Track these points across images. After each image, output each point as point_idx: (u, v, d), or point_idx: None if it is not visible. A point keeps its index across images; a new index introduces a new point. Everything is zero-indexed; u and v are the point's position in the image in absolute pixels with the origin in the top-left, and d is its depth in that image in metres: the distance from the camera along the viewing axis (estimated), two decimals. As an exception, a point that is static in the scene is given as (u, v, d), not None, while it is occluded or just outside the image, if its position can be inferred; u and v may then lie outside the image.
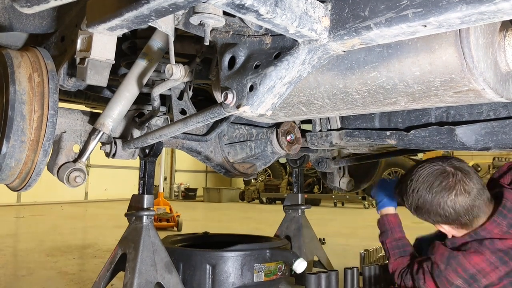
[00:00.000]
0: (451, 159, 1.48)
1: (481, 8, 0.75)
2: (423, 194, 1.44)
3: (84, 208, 9.68)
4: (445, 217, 1.44)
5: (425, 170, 1.45)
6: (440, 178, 1.42)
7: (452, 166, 1.44)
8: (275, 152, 2.17)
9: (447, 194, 1.41)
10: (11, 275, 3.11)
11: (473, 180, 1.43)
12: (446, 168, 1.44)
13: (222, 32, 1.24)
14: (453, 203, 1.41)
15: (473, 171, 1.47)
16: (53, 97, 1.31)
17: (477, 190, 1.42)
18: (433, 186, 1.42)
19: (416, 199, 1.46)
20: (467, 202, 1.41)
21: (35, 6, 1.15)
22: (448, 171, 1.43)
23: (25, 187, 1.40)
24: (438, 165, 1.45)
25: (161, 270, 1.62)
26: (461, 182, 1.41)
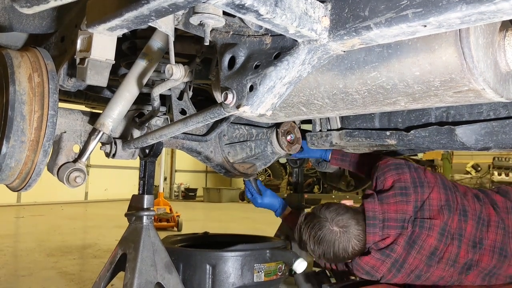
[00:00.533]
0: (333, 216, 1.77)
1: (481, 8, 0.75)
2: (330, 255, 1.78)
3: (84, 208, 9.68)
4: (350, 258, 1.81)
5: (322, 237, 1.76)
6: (336, 241, 1.75)
7: (337, 225, 1.75)
8: (275, 152, 2.17)
9: (347, 247, 1.75)
10: (11, 275, 3.11)
11: (355, 227, 1.76)
12: (334, 229, 1.75)
13: (222, 32, 1.24)
14: (352, 250, 1.76)
15: (349, 217, 1.77)
16: (53, 97, 1.31)
17: (362, 230, 1.75)
18: (334, 248, 1.76)
19: (327, 259, 1.82)
20: (359, 245, 1.76)
21: (35, 6, 1.15)
22: (338, 231, 1.75)
23: (25, 187, 1.39)
24: (327, 229, 1.76)
25: (161, 270, 1.62)
26: (350, 234, 1.75)
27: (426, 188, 1.76)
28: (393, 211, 1.74)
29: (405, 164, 1.84)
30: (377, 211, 1.75)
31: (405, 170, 1.81)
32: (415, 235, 1.69)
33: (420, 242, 1.69)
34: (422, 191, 1.76)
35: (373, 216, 1.74)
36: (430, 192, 1.75)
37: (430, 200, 1.73)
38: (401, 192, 1.76)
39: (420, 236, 1.69)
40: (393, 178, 1.81)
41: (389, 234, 1.72)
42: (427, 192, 1.75)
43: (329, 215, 1.77)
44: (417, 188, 1.76)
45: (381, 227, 1.74)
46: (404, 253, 1.70)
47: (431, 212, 1.72)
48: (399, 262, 1.71)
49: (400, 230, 1.71)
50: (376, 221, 1.74)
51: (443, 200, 1.74)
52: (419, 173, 1.81)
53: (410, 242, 1.70)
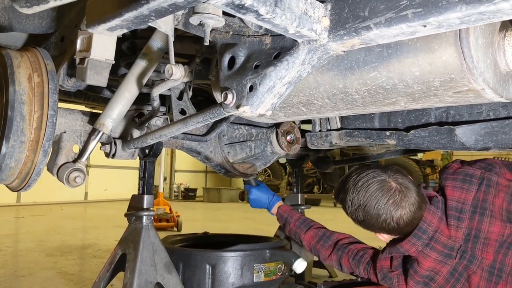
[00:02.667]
0: (394, 172, 1.48)
1: (480, 8, 0.75)
2: (371, 210, 1.45)
3: (84, 208, 9.68)
4: (388, 230, 1.50)
5: (371, 185, 1.45)
6: (386, 195, 1.43)
7: (397, 182, 1.45)
8: (275, 152, 2.17)
9: (393, 211, 1.43)
10: (11, 275, 3.11)
11: (414, 194, 1.45)
12: (391, 184, 1.45)
13: (222, 32, 1.24)
14: (398, 218, 1.45)
15: (413, 183, 1.49)
16: (53, 97, 1.31)
17: (418, 204, 1.45)
18: (380, 203, 1.43)
19: (364, 213, 1.48)
20: (409, 217, 1.45)
21: (34, 6, 1.15)
22: (394, 188, 1.44)
23: (25, 187, 1.39)
24: (383, 180, 1.45)
25: (161, 270, 1.62)
26: (405, 199, 1.43)
27: (486, 218, 1.48)
28: (446, 236, 1.49)
29: (478, 179, 1.52)
30: (433, 225, 1.49)
31: (472, 186, 1.52)
32: (461, 267, 1.48)
33: (466, 276, 1.48)
34: (480, 220, 1.48)
35: (425, 229, 1.48)
36: (491, 224, 1.47)
37: (488, 233, 1.47)
38: (455, 214, 1.50)
39: (467, 270, 1.48)
40: (454, 192, 1.53)
41: (429, 256, 1.49)
42: (486, 222, 1.47)
43: (390, 170, 1.48)
44: (475, 215, 1.49)
45: (425, 244, 1.49)
46: (447, 286, 1.49)
47: (484, 247, 1.46)
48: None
49: (446, 258, 1.48)
50: (425, 235, 1.48)
51: (505, 235, 1.46)
52: (486, 196, 1.50)
53: (456, 274, 1.48)
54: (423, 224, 1.48)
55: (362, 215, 1.48)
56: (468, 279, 1.48)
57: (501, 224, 1.47)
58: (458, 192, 1.52)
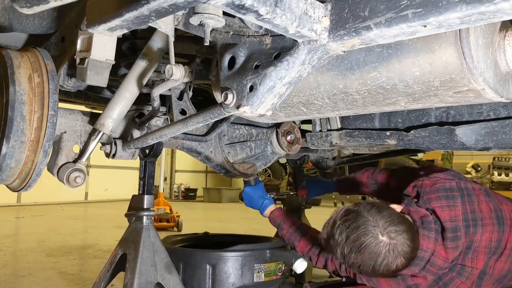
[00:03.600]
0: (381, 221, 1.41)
1: (481, 8, 0.75)
2: (368, 269, 1.43)
3: (84, 208, 9.68)
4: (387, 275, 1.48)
5: (363, 245, 1.40)
6: (381, 256, 1.39)
7: (389, 237, 1.39)
8: (275, 152, 2.17)
9: (390, 265, 1.41)
10: (11, 275, 3.11)
11: (407, 242, 1.41)
12: (383, 240, 1.39)
13: (222, 33, 1.24)
14: (394, 270, 1.43)
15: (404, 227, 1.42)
16: (53, 98, 1.31)
17: (411, 248, 1.42)
18: (376, 264, 1.41)
19: (360, 271, 1.47)
20: (405, 263, 1.43)
21: (35, 6, 1.15)
22: (387, 244, 1.39)
23: (25, 188, 1.39)
24: (375, 237, 1.39)
25: (161, 270, 1.62)
26: (398, 251, 1.40)
27: (479, 228, 1.51)
28: (443, 259, 1.50)
29: (457, 190, 1.56)
30: (429, 251, 1.49)
31: (457, 201, 1.54)
32: (447, 278, 1.51)
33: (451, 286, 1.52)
34: (475, 231, 1.50)
35: (423, 257, 1.49)
36: (483, 233, 1.51)
37: (480, 242, 1.51)
38: (451, 236, 1.49)
39: (454, 281, 1.51)
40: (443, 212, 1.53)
41: (426, 277, 1.51)
42: (479, 233, 1.51)
43: (381, 221, 1.41)
44: (469, 228, 1.51)
45: (422, 267, 1.50)
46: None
47: (475, 255, 1.50)
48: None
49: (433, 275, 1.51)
50: (422, 262, 1.49)
51: (494, 240, 1.52)
52: (472, 206, 1.54)
53: (440, 283, 1.52)
54: (420, 253, 1.47)
55: (358, 271, 1.49)
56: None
57: (492, 228, 1.51)
58: (447, 211, 1.52)
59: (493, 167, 11.72)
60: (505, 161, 11.56)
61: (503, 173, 11.53)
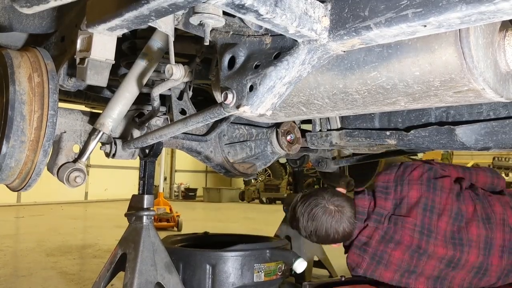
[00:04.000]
0: (331, 196, 1.86)
1: (481, 8, 0.75)
2: (321, 233, 1.83)
3: (84, 208, 9.68)
4: (337, 241, 1.87)
5: (316, 213, 1.82)
6: (329, 218, 1.81)
7: (334, 204, 1.83)
8: (275, 152, 2.17)
9: (338, 228, 1.82)
10: (11, 275, 3.11)
11: (349, 209, 1.84)
12: (330, 208, 1.82)
13: (222, 32, 1.24)
14: (342, 232, 1.83)
15: (345, 200, 1.86)
16: (53, 97, 1.31)
17: (353, 214, 1.84)
18: (326, 225, 1.81)
19: (316, 237, 1.86)
20: (350, 226, 1.83)
21: (34, 6, 1.15)
22: (333, 210, 1.82)
23: (25, 187, 1.39)
24: (323, 205, 1.83)
25: (161, 270, 1.62)
26: (343, 216, 1.82)
27: (405, 186, 1.83)
28: (374, 206, 1.85)
29: (397, 166, 1.92)
30: (365, 206, 1.86)
31: (393, 170, 1.90)
32: (391, 231, 1.77)
33: (397, 237, 1.75)
34: (401, 189, 1.83)
35: (362, 211, 1.85)
36: (409, 190, 1.81)
37: (408, 198, 1.80)
38: (382, 190, 1.86)
39: (397, 232, 1.77)
40: (378, 178, 1.93)
41: (367, 224, 1.82)
42: (406, 190, 1.82)
43: (326, 195, 1.85)
44: (397, 186, 1.85)
45: (364, 219, 1.84)
46: (381, 246, 1.77)
47: (407, 209, 1.79)
48: (378, 255, 1.77)
49: (377, 224, 1.80)
50: (364, 216, 1.84)
51: (423, 197, 1.79)
52: (404, 172, 1.88)
53: (387, 237, 1.77)
54: (359, 209, 1.87)
55: (315, 237, 1.87)
56: (400, 240, 1.75)
57: (417, 188, 1.81)
58: (382, 176, 1.91)
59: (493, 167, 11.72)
60: (505, 161, 11.56)
61: (503, 173, 11.53)
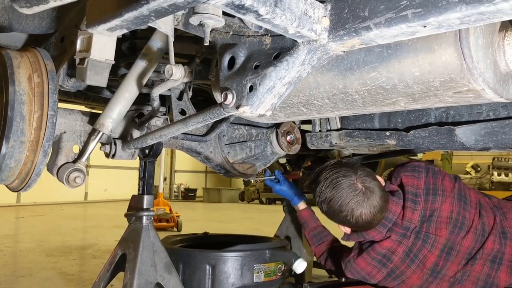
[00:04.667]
0: (365, 175, 1.63)
1: (480, 8, 0.75)
2: (334, 205, 1.62)
3: (84, 208, 9.68)
4: (348, 224, 1.67)
5: (339, 183, 1.61)
6: (350, 195, 1.59)
7: (363, 184, 1.60)
8: (275, 152, 2.17)
9: (355, 210, 1.60)
10: (11, 275, 3.11)
11: (377, 198, 1.61)
12: (358, 185, 1.60)
13: (221, 33, 1.24)
14: (357, 217, 1.61)
15: (379, 187, 1.63)
16: (52, 98, 1.31)
17: (380, 207, 1.61)
18: (344, 201, 1.60)
19: (328, 207, 1.65)
20: (368, 218, 1.61)
21: (34, 6, 1.15)
22: (359, 189, 1.60)
23: (25, 188, 1.39)
24: (351, 179, 1.61)
25: (161, 270, 1.62)
26: (367, 201, 1.59)
27: (438, 198, 1.66)
28: (406, 219, 1.65)
29: (424, 168, 1.73)
30: (397, 214, 1.67)
31: (421, 174, 1.71)
32: (416, 249, 1.63)
33: (421, 257, 1.63)
34: (434, 200, 1.65)
35: (391, 218, 1.66)
36: (443, 202, 1.65)
37: (440, 211, 1.64)
38: (412, 198, 1.67)
39: (422, 250, 1.63)
40: (407, 180, 1.72)
41: (389, 236, 1.66)
42: (438, 202, 1.65)
43: (360, 171, 1.63)
44: (429, 196, 1.66)
45: (388, 228, 1.67)
46: (403, 266, 1.64)
47: (437, 224, 1.63)
48: (396, 273, 1.66)
49: (402, 238, 1.64)
50: (390, 223, 1.66)
51: (454, 212, 1.64)
52: (435, 180, 1.70)
53: (411, 255, 1.64)
54: (389, 214, 1.66)
55: (326, 207, 1.66)
56: (423, 260, 1.62)
57: (452, 201, 1.65)
58: (411, 179, 1.71)
59: (493, 167, 11.72)
60: (504, 161, 11.56)
61: (503, 173, 11.53)
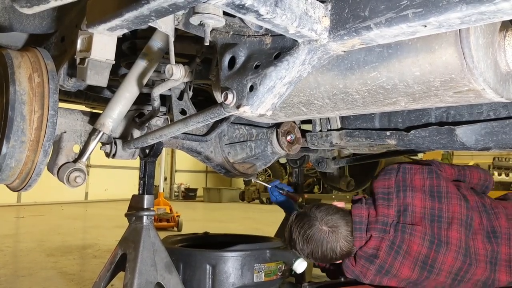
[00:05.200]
0: (324, 215, 1.79)
1: (481, 8, 0.75)
2: (318, 254, 1.79)
3: (84, 208, 9.68)
4: (336, 259, 1.82)
5: (310, 236, 1.78)
6: (324, 241, 1.76)
7: (327, 225, 1.77)
8: (275, 152, 2.17)
9: (334, 248, 1.76)
10: (11, 275, 3.11)
11: (344, 227, 1.77)
12: (323, 228, 1.77)
13: (222, 32, 1.24)
14: (340, 251, 1.77)
15: (339, 218, 1.79)
16: (53, 98, 1.31)
17: (350, 232, 1.77)
18: (322, 248, 1.77)
19: (314, 258, 1.83)
20: (346, 246, 1.77)
21: (35, 6, 1.15)
22: (327, 232, 1.76)
23: (25, 188, 1.39)
24: (316, 227, 1.77)
25: (161, 270, 1.62)
26: (338, 235, 1.76)
27: (409, 193, 1.76)
28: (375, 215, 1.76)
29: (396, 169, 1.84)
30: (363, 215, 1.78)
31: (392, 175, 1.82)
32: (398, 240, 1.70)
33: (405, 247, 1.68)
34: (405, 195, 1.76)
35: (360, 221, 1.77)
36: (413, 198, 1.74)
37: (412, 206, 1.73)
38: (384, 196, 1.79)
39: (404, 241, 1.69)
40: (377, 183, 1.84)
41: (371, 235, 1.74)
42: (409, 197, 1.75)
43: (319, 214, 1.79)
44: (400, 192, 1.77)
45: (365, 230, 1.76)
46: (389, 259, 1.69)
47: (413, 218, 1.71)
48: (385, 268, 1.70)
49: (382, 233, 1.72)
50: (363, 225, 1.77)
51: (428, 208, 1.72)
52: (405, 178, 1.80)
53: (394, 247, 1.70)
54: (355, 218, 1.79)
55: (313, 259, 1.84)
56: (407, 250, 1.68)
57: (421, 197, 1.74)
58: (381, 182, 1.84)
59: (493, 167, 11.71)
60: (505, 161, 11.55)
61: (503, 173, 11.52)
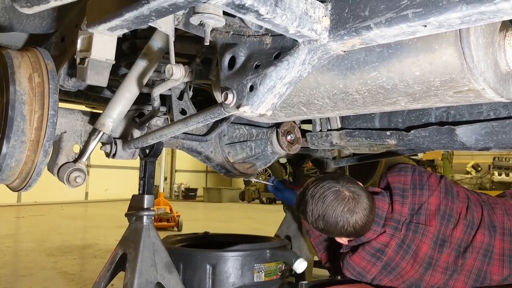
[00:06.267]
0: (347, 182, 1.66)
1: (481, 8, 0.75)
2: (329, 219, 1.61)
3: (84, 208, 9.69)
4: (346, 234, 1.67)
5: (327, 196, 1.61)
6: (341, 204, 1.60)
7: (349, 190, 1.62)
8: (275, 152, 2.17)
9: (349, 217, 1.60)
10: (11, 275, 3.12)
11: (366, 200, 1.64)
12: (345, 193, 1.62)
13: (222, 32, 1.24)
14: (354, 223, 1.61)
15: (362, 190, 1.66)
16: (53, 97, 1.31)
17: (370, 208, 1.64)
18: (337, 212, 1.60)
19: (324, 223, 1.63)
20: (363, 221, 1.62)
21: (35, 6, 1.15)
22: (347, 197, 1.61)
23: (26, 187, 1.39)
24: (337, 190, 1.62)
25: (162, 270, 1.62)
26: (358, 205, 1.61)
27: (425, 191, 1.73)
28: (397, 212, 1.71)
29: (410, 168, 1.81)
30: (385, 210, 1.72)
31: (408, 173, 1.79)
32: (408, 240, 1.67)
33: (414, 247, 1.66)
34: (421, 194, 1.73)
35: (381, 215, 1.71)
36: (430, 196, 1.72)
37: (428, 204, 1.71)
38: (400, 193, 1.74)
39: (414, 241, 1.67)
40: (394, 178, 1.79)
41: (385, 230, 1.69)
42: (426, 195, 1.72)
43: (342, 180, 1.65)
44: (416, 190, 1.74)
45: (382, 224, 1.71)
46: (397, 257, 1.67)
47: (427, 216, 1.69)
48: (391, 266, 1.68)
49: (394, 231, 1.68)
50: (382, 220, 1.71)
51: (442, 205, 1.71)
52: (422, 177, 1.78)
53: (404, 246, 1.67)
54: (378, 211, 1.70)
55: (322, 224, 1.64)
56: (416, 250, 1.65)
57: (438, 194, 1.72)
58: (397, 177, 1.78)
59: (493, 167, 11.72)
60: (505, 161, 11.56)
61: (503, 173, 11.53)
